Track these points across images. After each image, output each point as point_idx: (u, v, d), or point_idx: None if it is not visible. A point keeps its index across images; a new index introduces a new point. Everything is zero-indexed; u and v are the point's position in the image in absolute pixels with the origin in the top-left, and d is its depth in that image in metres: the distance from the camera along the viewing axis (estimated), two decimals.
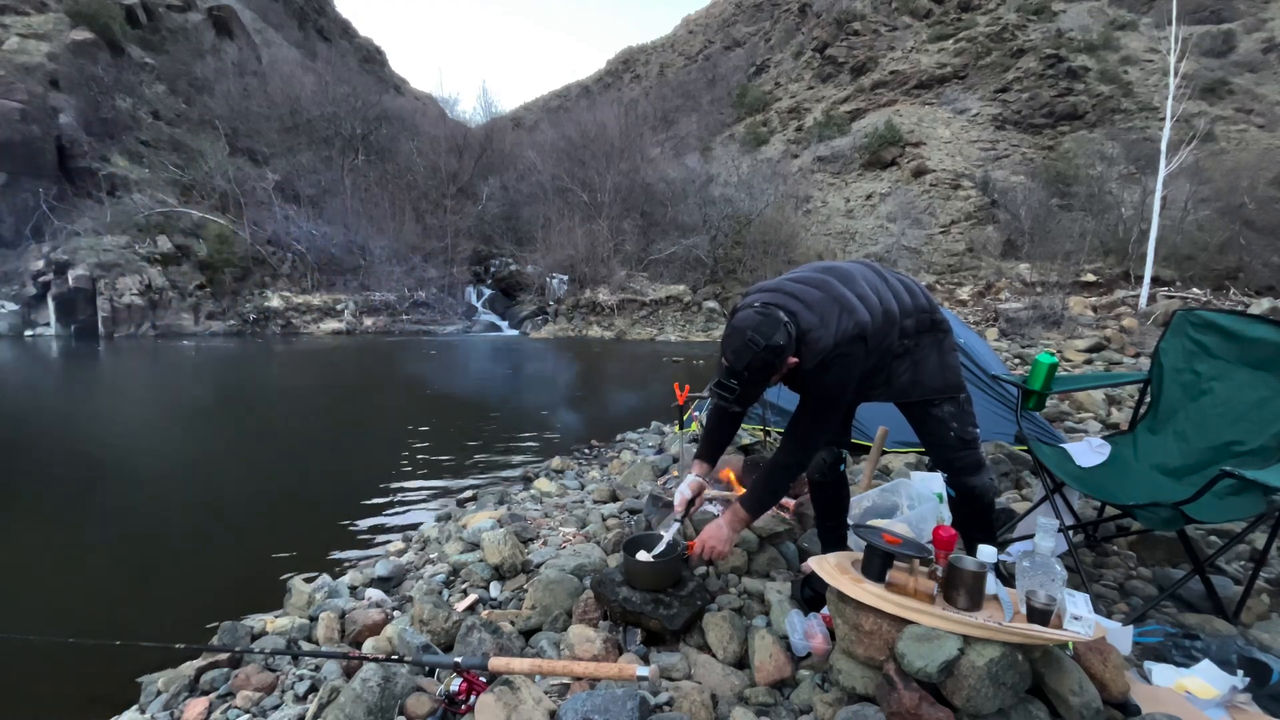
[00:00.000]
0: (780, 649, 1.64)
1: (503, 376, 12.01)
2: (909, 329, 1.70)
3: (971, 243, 22.86)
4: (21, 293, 16.49)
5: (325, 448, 6.20)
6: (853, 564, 1.52)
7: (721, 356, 1.57)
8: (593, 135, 26.67)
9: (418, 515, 4.08)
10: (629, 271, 23.11)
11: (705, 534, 1.81)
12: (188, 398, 9.15)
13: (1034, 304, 13.26)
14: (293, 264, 21.01)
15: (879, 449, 2.70)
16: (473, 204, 26.63)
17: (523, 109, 60.20)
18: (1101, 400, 5.00)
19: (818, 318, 1.55)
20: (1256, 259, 16.18)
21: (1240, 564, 2.31)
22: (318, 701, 1.59)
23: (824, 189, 27.95)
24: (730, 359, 1.53)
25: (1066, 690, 1.28)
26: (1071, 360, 8.24)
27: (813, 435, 1.69)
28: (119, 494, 4.62)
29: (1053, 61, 27.73)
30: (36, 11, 20.08)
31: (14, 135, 16.61)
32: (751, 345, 1.49)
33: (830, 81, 34.77)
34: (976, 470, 1.74)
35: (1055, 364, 2.30)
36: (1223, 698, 1.39)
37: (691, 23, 55.86)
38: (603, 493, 3.59)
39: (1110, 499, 1.97)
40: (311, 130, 24.36)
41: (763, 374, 1.53)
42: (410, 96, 39.61)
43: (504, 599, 2.38)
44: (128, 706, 2.10)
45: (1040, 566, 1.33)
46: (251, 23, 28.59)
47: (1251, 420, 2.01)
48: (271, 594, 2.85)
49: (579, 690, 1.55)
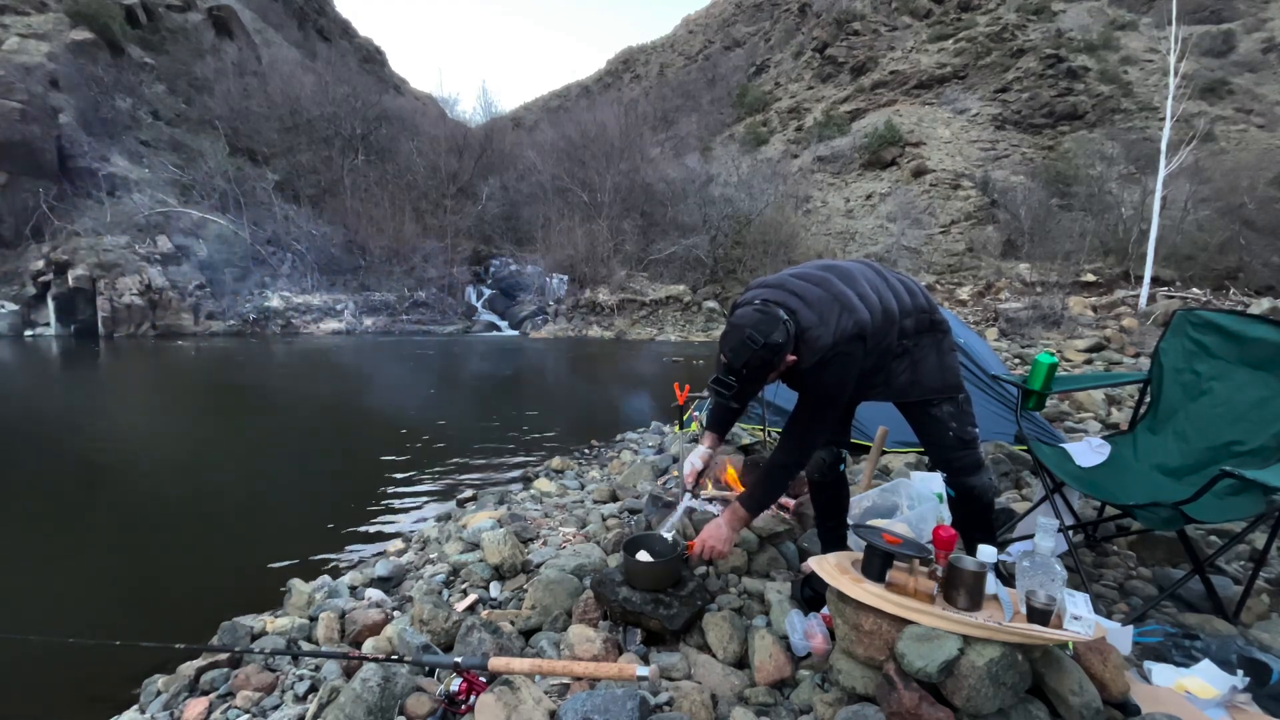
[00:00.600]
0: (780, 649, 1.64)
1: (503, 376, 12.01)
2: (908, 329, 1.70)
3: (971, 243, 22.86)
4: (21, 293, 16.49)
5: (325, 448, 6.20)
6: (853, 564, 1.52)
7: (720, 353, 1.56)
8: (593, 135, 26.66)
9: (418, 515, 4.08)
10: (629, 271, 23.11)
11: (705, 533, 1.81)
12: (187, 398, 9.15)
13: (1034, 304, 13.27)
14: (293, 264, 21.01)
15: (879, 449, 2.70)
16: (473, 204, 26.63)
17: (523, 109, 60.16)
18: (1101, 400, 5.01)
19: (817, 316, 1.55)
20: (1256, 259, 16.18)
21: (1240, 564, 2.31)
22: (318, 701, 1.59)
23: (824, 189, 27.94)
24: (728, 356, 1.53)
25: (1066, 690, 1.28)
26: (1071, 360, 8.24)
27: (811, 434, 1.69)
28: (119, 494, 4.62)
29: (1053, 61, 27.73)
30: (36, 11, 20.07)
31: (14, 135, 16.61)
32: (750, 343, 1.49)
33: (830, 81, 34.76)
34: (976, 470, 1.74)
35: (1055, 364, 2.30)
36: (1223, 698, 1.39)
37: (691, 23, 55.84)
38: (603, 493, 3.58)
39: (1110, 499, 1.97)
40: (311, 130, 24.35)
41: (761, 371, 1.53)
42: (410, 96, 39.56)
43: (504, 599, 2.38)
44: (128, 706, 2.10)
45: (1040, 566, 1.33)
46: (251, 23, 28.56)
47: (1251, 420, 2.02)
48: (271, 594, 2.84)
49: (579, 690, 1.55)
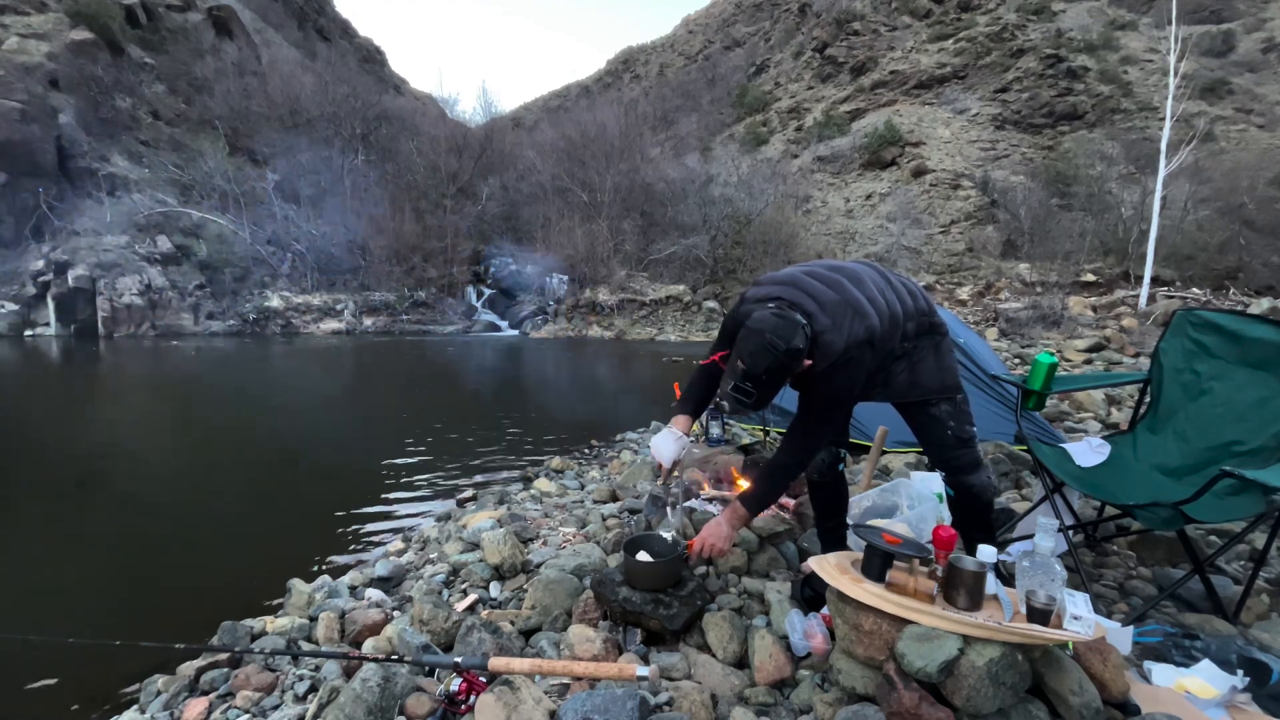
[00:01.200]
0: (780, 649, 1.64)
1: (502, 376, 12.01)
2: (910, 331, 1.70)
3: (971, 243, 22.85)
4: (21, 293, 16.48)
5: (325, 448, 6.20)
6: (853, 564, 1.52)
7: (737, 359, 1.50)
8: (592, 135, 26.62)
9: (418, 515, 4.08)
10: (629, 271, 23.10)
11: (705, 531, 1.81)
12: (187, 398, 9.15)
13: (1034, 304, 13.26)
14: (293, 264, 21.00)
15: (879, 449, 2.70)
16: (473, 204, 26.59)
17: (523, 109, 60.12)
18: (1101, 400, 5.01)
19: (831, 320, 1.53)
20: (1256, 259, 16.18)
21: (1240, 564, 2.31)
22: (318, 701, 1.59)
23: (824, 189, 27.93)
24: (748, 362, 1.47)
25: (1066, 690, 1.28)
26: (1071, 360, 8.24)
27: (815, 436, 1.69)
28: (119, 494, 4.62)
29: (1053, 61, 27.71)
30: (36, 11, 20.05)
31: (14, 135, 16.60)
32: (771, 349, 1.45)
33: (830, 81, 34.75)
34: (974, 469, 1.74)
35: (1055, 364, 2.30)
36: (1223, 698, 1.39)
37: (691, 23, 55.83)
38: (603, 493, 3.58)
39: (1110, 499, 1.97)
40: (311, 130, 24.33)
41: (780, 377, 1.50)
42: (410, 96, 39.53)
43: (504, 599, 2.38)
44: (128, 706, 2.10)
45: (1040, 566, 1.34)
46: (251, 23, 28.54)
47: (1251, 420, 2.02)
48: (271, 594, 2.84)
49: (579, 690, 1.55)
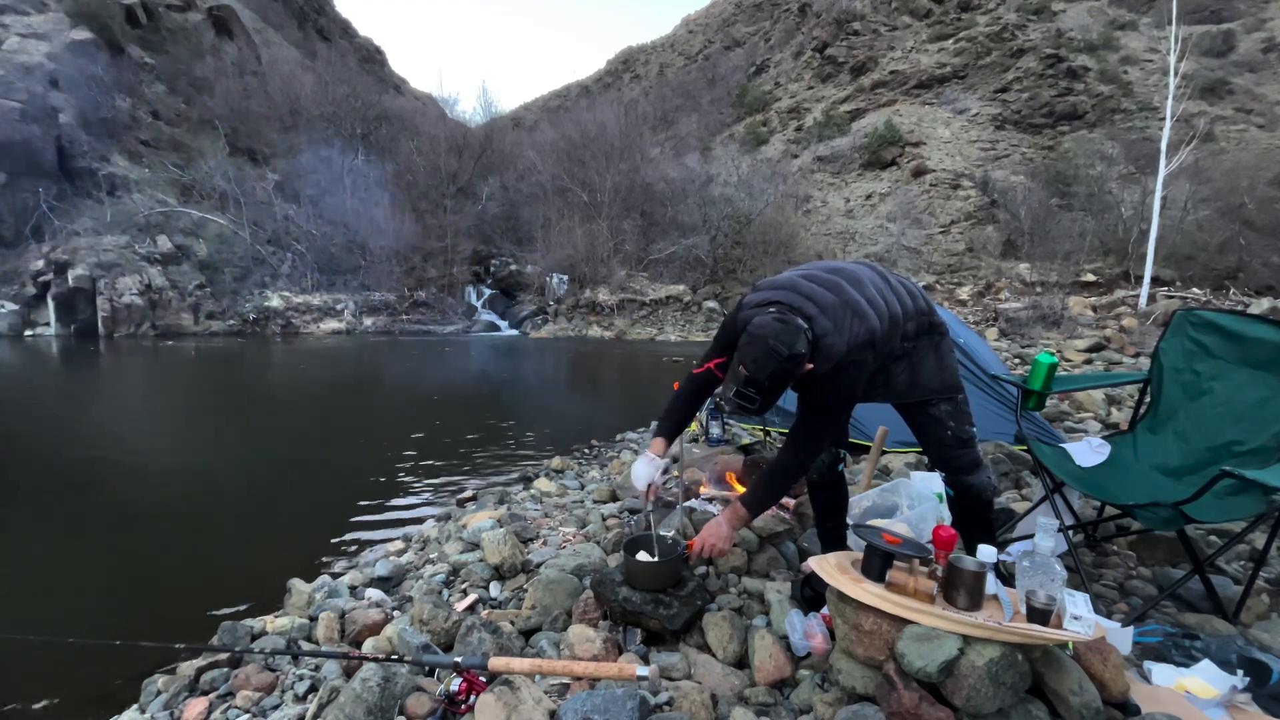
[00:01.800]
0: (780, 649, 1.64)
1: (503, 376, 12.01)
2: (910, 332, 1.70)
3: (971, 243, 22.85)
4: (21, 293, 16.48)
5: (325, 447, 6.20)
6: (853, 564, 1.53)
7: (739, 365, 1.50)
8: (592, 135, 26.62)
9: (418, 515, 4.08)
10: (629, 271, 23.10)
11: (705, 532, 1.81)
12: (187, 397, 9.15)
13: (1034, 304, 13.26)
14: (293, 264, 21.00)
15: (879, 449, 2.70)
16: (473, 204, 26.59)
17: (523, 109, 60.13)
18: (1101, 400, 5.01)
19: (832, 323, 1.53)
20: (1256, 259, 16.18)
21: (1240, 564, 2.31)
22: (318, 701, 1.59)
23: (824, 189, 27.93)
24: (751, 368, 1.47)
25: (1066, 690, 1.28)
26: (1071, 360, 8.24)
27: (817, 438, 1.69)
28: (119, 494, 4.62)
29: (1053, 61, 27.70)
30: (36, 11, 20.06)
31: (14, 135, 16.60)
32: (775, 354, 1.45)
33: (830, 81, 34.75)
34: (974, 468, 1.75)
35: (1055, 364, 2.30)
36: (1223, 698, 1.39)
37: (691, 23, 55.82)
38: (603, 493, 3.58)
39: (1110, 499, 1.97)
40: (311, 130, 24.34)
41: (783, 382, 1.50)
42: (410, 96, 39.51)
43: (504, 599, 2.38)
44: (128, 706, 2.10)
45: (1040, 566, 1.34)
46: (251, 23, 28.54)
47: (1251, 420, 2.02)
48: (271, 594, 2.84)
49: (579, 690, 1.55)
